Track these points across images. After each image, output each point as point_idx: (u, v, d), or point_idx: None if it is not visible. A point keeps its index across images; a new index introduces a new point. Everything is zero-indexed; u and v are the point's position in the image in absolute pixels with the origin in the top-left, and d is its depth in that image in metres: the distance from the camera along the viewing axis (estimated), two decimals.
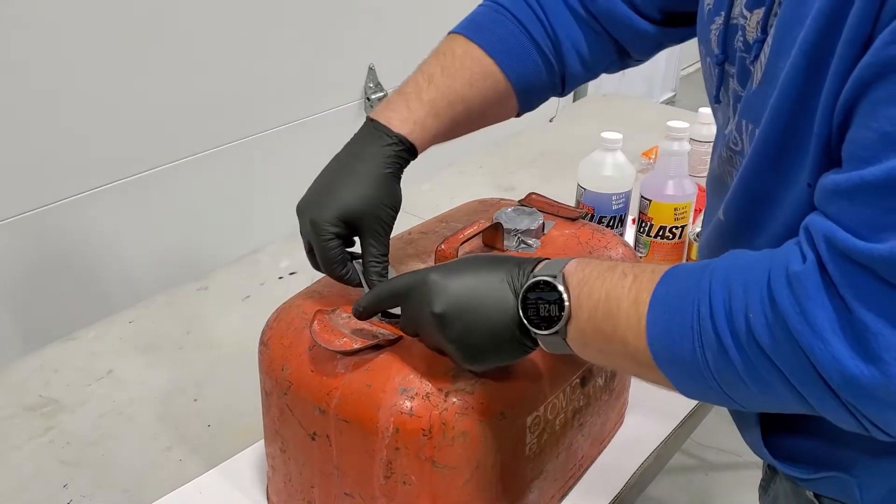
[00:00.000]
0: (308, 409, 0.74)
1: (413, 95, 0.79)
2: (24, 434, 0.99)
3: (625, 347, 0.60)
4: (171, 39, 1.53)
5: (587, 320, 0.62)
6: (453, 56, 0.82)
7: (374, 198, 0.76)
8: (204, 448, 0.97)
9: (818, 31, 0.55)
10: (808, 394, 0.53)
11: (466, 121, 0.83)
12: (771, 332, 0.52)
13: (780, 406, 0.57)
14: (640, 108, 2.12)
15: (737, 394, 0.57)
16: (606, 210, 1.23)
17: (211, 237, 1.68)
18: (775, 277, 0.53)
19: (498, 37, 0.83)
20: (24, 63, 1.32)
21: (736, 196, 0.67)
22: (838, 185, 0.52)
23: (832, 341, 0.50)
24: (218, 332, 1.18)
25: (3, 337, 1.40)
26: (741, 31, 0.67)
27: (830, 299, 0.50)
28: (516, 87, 0.84)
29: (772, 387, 0.54)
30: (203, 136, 1.65)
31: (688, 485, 2.10)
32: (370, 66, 1.97)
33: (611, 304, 0.61)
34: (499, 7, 0.85)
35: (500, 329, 0.66)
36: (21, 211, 1.38)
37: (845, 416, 0.53)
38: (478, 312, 0.66)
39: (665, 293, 0.58)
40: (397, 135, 0.77)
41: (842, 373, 0.50)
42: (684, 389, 0.60)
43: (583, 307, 0.62)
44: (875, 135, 0.49)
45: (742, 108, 0.67)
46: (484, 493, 0.75)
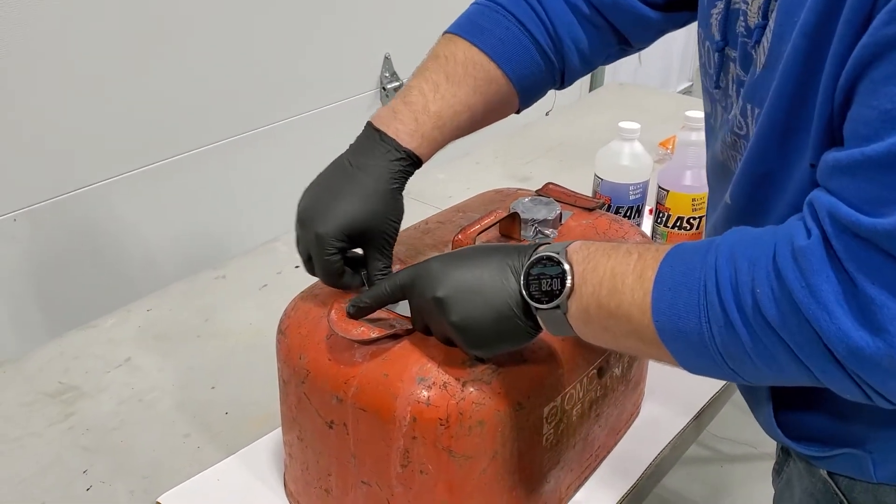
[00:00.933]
0: (325, 398, 0.74)
1: (420, 107, 0.78)
2: (44, 420, 1.00)
3: (629, 324, 0.60)
4: (190, 30, 1.53)
5: (591, 295, 0.62)
6: (456, 62, 0.81)
7: (381, 213, 0.75)
8: (222, 435, 0.97)
9: (818, 12, 0.55)
10: (814, 366, 0.53)
11: (469, 126, 0.83)
12: (777, 306, 0.53)
13: (784, 379, 0.57)
14: (656, 98, 2.11)
15: (741, 368, 0.57)
16: (624, 200, 1.23)
17: (229, 226, 1.69)
18: (781, 253, 0.53)
19: (498, 39, 0.82)
20: (45, 56, 1.33)
21: (742, 179, 0.68)
22: (839, 162, 0.53)
23: (838, 314, 0.51)
24: (235, 321, 1.18)
25: (24, 325, 1.42)
26: (743, 17, 0.67)
27: (835, 273, 0.51)
28: (518, 88, 0.84)
29: (777, 360, 0.55)
30: (221, 126, 1.65)
31: (703, 476, 2.10)
32: (386, 55, 1.97)
33: (616, 280, 0.60)
34: (497, 6, 0.83)
35: (501, 310, 0.66)
36: (41, 199, 1.39)
37: (850, 386, 0.53)
38: (479, 294, 0.66)
39: (670, 269, 0.58)
40: (406, 150, 0.77)
41: (847, 344, 0.51)
42: (688, 365, 0.60)
43: (587, 282, 0.62)
44: (875, 112, 0.50)
45: (746, 93, 0.67)
46: (501, 482, 0.75)
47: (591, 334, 0.65)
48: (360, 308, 0.72)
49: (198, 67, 1.57)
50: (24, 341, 1.39)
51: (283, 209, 1.75)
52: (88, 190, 1.45)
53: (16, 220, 1.37)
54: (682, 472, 2.08)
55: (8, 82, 1.30)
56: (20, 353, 1.13)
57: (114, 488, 0.90)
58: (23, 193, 1.37)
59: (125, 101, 1.46)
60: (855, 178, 0.52)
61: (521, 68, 0.83)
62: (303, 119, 1.81)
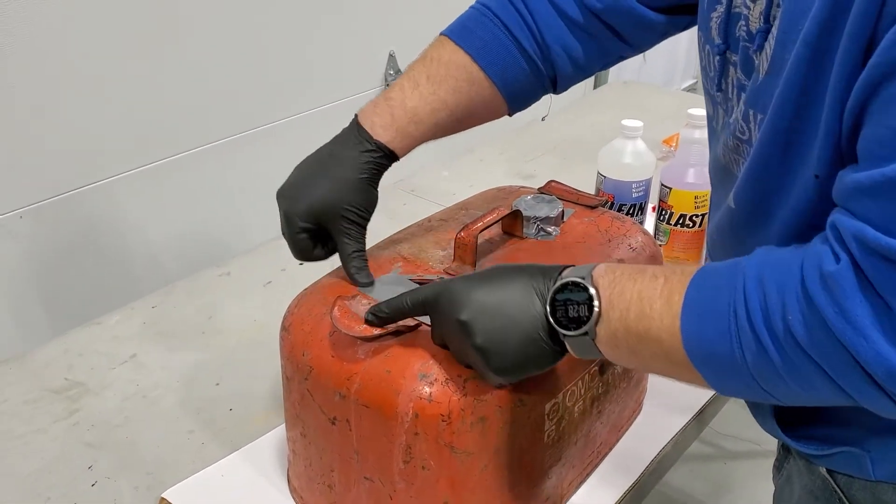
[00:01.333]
0: (328, 394, 0.75)
1: (397, 102, 0.82)
2: (49, 417, 1.00)
3: (659, 347, 0.60)
4: (193, 28, 1.53)
5: (619, 320, 0.62)
6: (439, 63, 0.84)
7: (346, 200, 0.80)
8: (225, 432, 0.98)
9: (820, 22, 0.55)
10: (851, 388, 0.54)
11: (452, 124, 0.85)
12: (810, 331, 0.53)
13: (820, 400, 0.57)
14: (660, 96, 2.11)
15: (776, 389, 0.57)
16: (626, 198, 1.23)
17: (233, 224, 1.70)
18: (809, 278, 0.53)
19: (483, 42, 0.84)
20: (49, 55, 1.33)
21: (745, 184, 0.68)
22: (860, 184, 0.52)
23: (874, 337, 0.50)
24: (240, 318, 1.19)
25: (29, 322, 1.42)
26: (744, 21, 0.67)
27: (868, 297, 0.51)
28: (504, 92, 0.86)
29: (812, 382, 0.55)
30: (226, 123, 1.66)
31: (706, 473, 2.10)
32: (391, 52, 1.97)
33: (643, 304, 0.60)
34: (486, 10, 0.85)
35: (527, 333, 0.65)
36: (46, 197, 1.40)
37: (889, 405, 0.53)
38: (504, 317, 0.65)
39: (698, 294, 0.59)
40: (377, 142, 0.81)
41: (887, 367, 0.51)
42: (720, 387, 0.60)
43: (614, 307, 0.62)
44: (891, 132, 0.50)
45: (749, 98, 0.67)
46: (502, 478, 0.75)
47: (620, 357, 0.65)
48: (380, 318, 0.72)
49: (201, 65, 1.57)
50: (29, 338, 1.39)
51: None
52: (93, 188, 1.46)
53: (21, 217, 1.37)
54: (685, 468, 2.08)
55: (11, 81, 1.30)
56: (25, 350, 1.13)
57: (118, 484, 0.91)
58: (27, 191, 1.37)
59: (130, 99, 1.47)
60: (878, 199, 0.51)
61: (505, 72, 0.85)
62: (307, 117, 1.82)
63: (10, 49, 1.29)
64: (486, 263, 0.84)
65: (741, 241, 0.72)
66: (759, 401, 0.61)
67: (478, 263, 0.83)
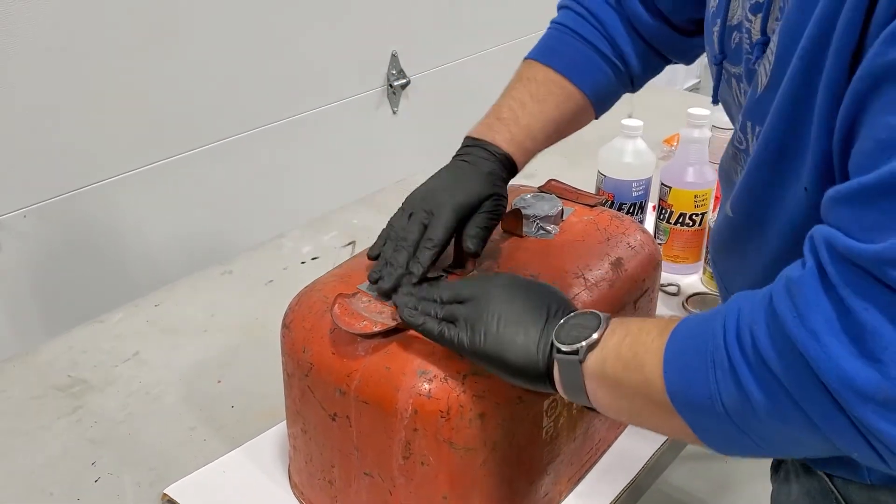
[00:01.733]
0: (329, 391, 0.75)
1: (511, 121, 0.88)
2: (53, 413, 1.01)
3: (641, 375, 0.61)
4: (195, 27, 1.54)
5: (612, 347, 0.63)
6: (538, 83, 0.91)
7: (485, 195, 0.82)
8: (227, 428, 0.99)
9: (813, 38, 0.56)
10: (814, 412, 0.52)
11: (555, 137, 0.93)
12: (773, 342, 0.52)
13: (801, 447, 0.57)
14: (662, 96, 2.11)
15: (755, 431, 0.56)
16: (626, 197, 1.23)
17: (235, 222, 1.71)
18: (776, 288, 0.54)
19: (570, 58, 0.92)
20: (52, 52, 1.34)
21: (741, 193, 0.69)
22: (838, 193, 0.52)
23: (829, 342, 0.50)
24: (241, 316, 1.20)
25: (33, 319, 1.43)
26: (747, 34, 0.69)
27: (829, 300, 0.50)
28: (593, 100, 0.93)
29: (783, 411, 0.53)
30: (228, 123, 1.67)
31: (706, 472, 2.10)
32: (393, 52, 1.98)
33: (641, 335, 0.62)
34: (564, 28, 0.93)
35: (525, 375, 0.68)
36: (50, 196, 1.41)
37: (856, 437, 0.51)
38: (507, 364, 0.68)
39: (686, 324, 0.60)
40: (504, 153, 0.86)
41: (839, 374, 0.49)
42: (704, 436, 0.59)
43: (615, 333, 0.64)
44: (872, 143, 0.50)
45: (747, 110, 0.68)
46: (501, 474, 0.76)
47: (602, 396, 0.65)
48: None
49: (205, 65, 1.58)
50: (33, 336, 1.40)
51: (290, 205, 1.78)
52: (96, 187, 1.47)
53: (25, 216, 1.38)
54: (685, 467, 2.08)
55: (13, 81, 1.31)
56: (30, 347, 1.14)
57: (121, 480, 0.92)
58: (31, 191, 1.38)
59: (133, 98, 1.48)
60: (852, 207, 0.51)
61: (593, 81, 0.92)
62: (309, 116, 1.83)
63: (13, 50, 1.30)
64: (485, 262, 0.85)
65: (738, 249, 0.73)
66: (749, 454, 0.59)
67: (477, 262, 0.83)
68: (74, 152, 1.42)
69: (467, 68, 2.14)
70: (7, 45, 1.28)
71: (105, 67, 1.42)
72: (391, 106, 2.01)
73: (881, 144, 0.49)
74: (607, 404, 0.65)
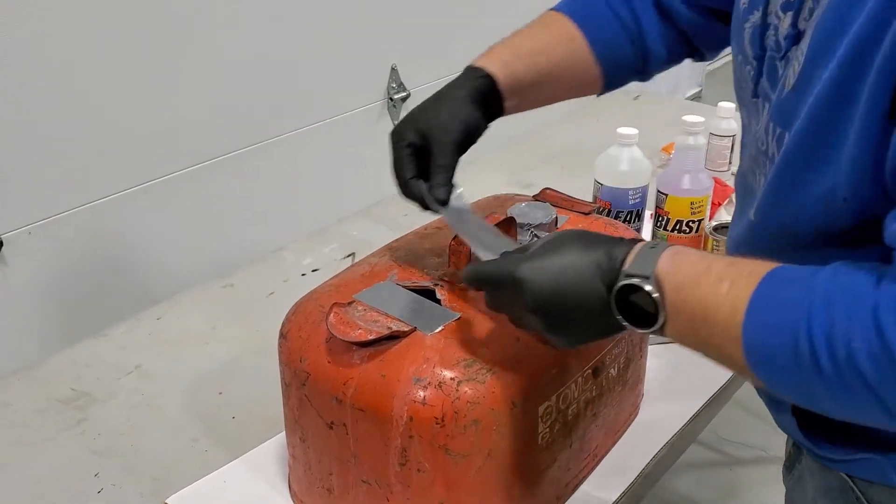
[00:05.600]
0: (325, 399, 0.76)
1: (499, 44, 0.88)
2: (57, 426, 1.02)
3: (721, 352, 0.60)
4: (193, 42, 1.56)
5: (684, 324, 0.61)
6: (542, 21, 0.91)
7: (444, 112, 0.82)
8: (229, 439, 1.00)
9: (854, 49, 0.55)
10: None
11: (549, 74, 0.88)
12: (877, 365, 0.51)
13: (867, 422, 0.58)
14: (660, 104, 2.12)
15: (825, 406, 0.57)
16: (623, 205, 1.24)
17: (236, 236, 1.72)
18: (885, 309, 0.52)
19: (584, 8, 0.90)
20: (60, 69, 1.36)
21: (766, 200, 0.68)
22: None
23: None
24: (243, 328, 1.21)
25: (37, 333, 1.45)
26: (774, 31, 0.67)
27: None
28: (599, 57, 0.90)
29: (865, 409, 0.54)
30: (228, 138, 1.68)
31: (712, 480, 2.10)
32: (393, 66, 1.99)
33: (707, 313, 0.59)
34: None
35: (593, 319, 0.65)
36: (54, 213, 1.42)
37: None
38: (570, 307, 0.65)
39: (762, 305, 0.57)
40: (479, 67, 0.85)
41: None
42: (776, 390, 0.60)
43: (679, 313, 0.61)
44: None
45: (772, 111, 0.67)
46: (497, 480, 0.77)
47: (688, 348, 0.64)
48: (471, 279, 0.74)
49: (205, 80, 1.60)
50: (37, 349, 1.41)
51: (290, 219, 1.79)
52: (99, 203, 1.48)
53: (30, 233, 1.40)
54: (690, 475, 2.08)
55: (21, 97, 1.33)
56: (34, 361, 1.16)
57: (124, 491, 0.93)
58: (36, 207, 1.40)
59: (135, 114, 1.49)
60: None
61: (600, 35, 0.89)
62: (310, 130, 1.84)
63: (18, 67, 1.31)
64: None
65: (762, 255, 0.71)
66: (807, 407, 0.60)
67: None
68: (78, 169, 1.44)
69: None
70: (12, 62, 1.30)
71: (107, 84, 1.44)
72: (392, 119, 2.02)
73: None
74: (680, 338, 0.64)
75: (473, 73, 0.84)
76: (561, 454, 0.84)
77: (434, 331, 0.76)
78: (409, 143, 0.81)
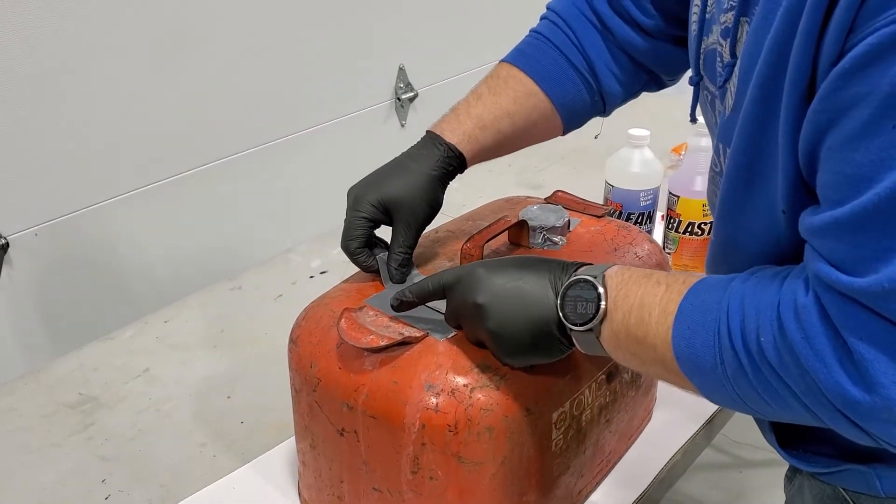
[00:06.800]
0: (336, 406, 0.75)
1: (462, 111, 0.88)
2: (64, 431, 1.01)
3: (654, 353, 0.63)
4: (200, 43, 1.55)
5: (620, 322, 0.64)
6: (499, 78, 0.91)
7: (414, 191, 0.83)
8: (237, 444, 0.99)
9: (769, 65, 0.58)
10: (819, 412, 0.56)
11: (512, 135, 0.90)
12: (780, 355, 0.55)
13: (796, 419, 0.59)
14: (670, 105, 2.10)
15: (757, 405, 0.59)
16: (635, 207, 1.23)
17: (244, 238, 1.71)
18: (784, 305, 0.55)
19: (538, 61, 0.91)
20: (56, 73, 1.35)
21: (719, 217, 0.71)
22: (813, 225, 0.55)
23: (834, 369, 0.52)
24: (251, 331, 1.20)
25: (44, 337, 1.44)
26: (720, 57, 0.70)
27: (828, 329, 0.53)
28: (558, 106, 0.91)
29: (786, 402, 0.57)
30: (236, 139, 1.67)
31: (722, 482, 2.09)
32: (400, 66, 1.98)
33: (643, 311, 0.63)
34: (539, 35, 0.93)
35: (537, 323, 0.68)
36: (60, 214, 1.42)
37: (855, 431, 0.55)
38: (517, 305, 0.68)
39: (690, 307, 0.61)
40: (447, 143, 0.85)
41: (844, 397, 0.52)
42: (709, 397, 0.63)
43: (618, 309, 0.64)
44: (838, 177, 0.53)
45: (719, 132, 0.70)
46: (510, 488, 0.76)
47: (622, 358, 0.67)
48: (404, 302, 0.75)
49: (211, 82, 1.59)
50: (44, 353, 1.41)
51: (298, 220, 1.78)
52: (106, 204, 1.48)
53: (37, 234, 1.39)
54: (700, 477, 2.07)
55: (25, 101, 1.32)
56: (41, 365, 1.15)
57: (132, 497, 0.92)
58: (42, 209, 1.39)
59: (143, 116, 1.49)
60: (829, 239, 0.54)
61: (558, 87, 0.91)
62: (317, 131, 1.83)
63: (25, 70, 1.31)
64: None
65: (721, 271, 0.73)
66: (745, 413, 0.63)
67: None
68: (85, 170, 1.43)
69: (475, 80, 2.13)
70: (20, 66, 1.29)
71: (115, 85, 1.43)
72: (399, 119, 2.02)
73: (848, 178, 0.51)
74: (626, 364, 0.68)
75: (443, 149, 0.85)
76: (575, 460, 0.83)
77: (446, 337, 0.75)
78: (367, 216, 0.82)
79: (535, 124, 0.92)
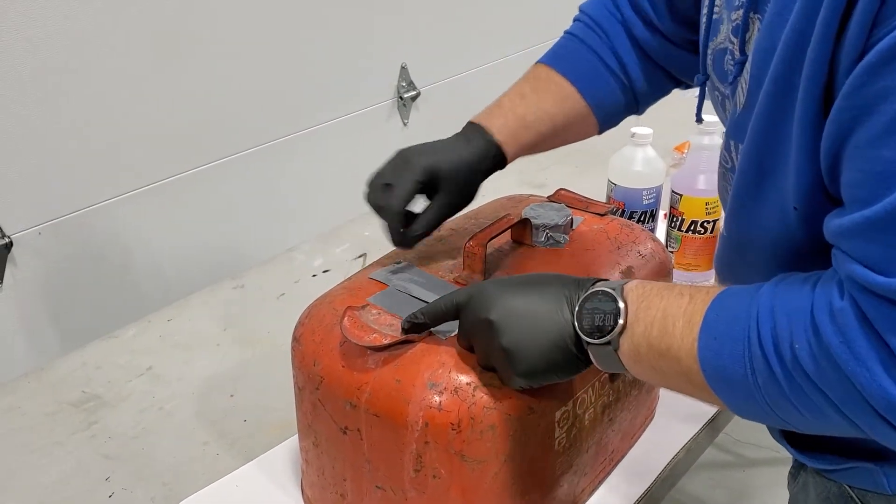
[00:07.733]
0: (339, 404, 0.75)
1: (508, 109, 0.89)
2: (67, 429, 1.02)
3: (678, 366, 0.61)
4: (203, 42, 1.55)
5: (642, 335, 0.62)
6: (539, 79, 0.92)
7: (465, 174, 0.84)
8: (240, 442, 0.99)
9: (784, 62, 0.58)
10: (856, 418, 0.54)
11: (551, 135, 0.92)
12: (816, 362, 0.53)
13: (831, 429, 0.58)
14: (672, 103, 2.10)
15: (788, 416, 0.58)
16: (637, 205, 1.23)
17: (247, 237, 1.71)
18: (819, 310, 0.54)
19: (574, 63, 0.93)
20: (59, 72, 1.35)
21: (731, 213, 0.70)
22: (843, 226, 0.54)
23: (877, 371, 0.51)
24: (254, 330, 1.20)
25: (47, 336, 1.44)
26: (730, 55, 0.69)
27: (868, 332, 0.52)
28: (593, 107, 0.93)
29: (822, 411, 0.55)
30: (238, 138, 1.67)
31: (725, 481, 2.09)
32: (402, 65, 1.98)
33: (666, 322, 0.61)
34: (573, 37, 0.94)
35: (554, 340, 0.66)
36: (64, 213, 1.42)
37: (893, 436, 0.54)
38: (532, 321, 0.66)
39: (716, 318, 0.59)
40: (495, 140, 0.87)
41: (888, 401, 0.51)
42: (737, 410, 0.61)
43: (639, 321, 0.63)
44: (866, 176, 0.52)
45: (729, 129, 0.70)
46: (513, 486, 0.76)
47: (642, 372, 0.65)
48: (415, 324, 0.73)
49: (215, 80, 1.59)
50: (47, 352, 1.41)
51: (301, 219, 1.78)
52: (110, 203, 1.48)
53: (40, 233, 1.39)
54: (704, 476, 2.07)
55: (29, 100, 1.32)
56: (44, 363, 1.15)
57: (135, 495, 0.92)
58: (46, 208, 1.39)
59: (145, 114, 1.49)
60: (862, 240, 0.53)
61: (593, 89, 0.92)
62: (320, 130, 1.83)
63: (28, 68, 1.31)
64: (495, 272, 0.84)
65: (738, 268, 0.74)
66: (776, 426, 0.62)
67: (487, 272, 0.83)
68: (88, 169, 1.43)
69: (477, 79, 2.14)
70: (23, 63, 1.29)
71: (118, 84, 1.43)
72: (401, 118, 2.01)
73: (878, 176, 0.51)
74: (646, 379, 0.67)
75: (493, 147, 0.86)
76: (577, 459, 0.83)
77: (449, 335, 0.75)
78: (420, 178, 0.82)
79: (573, 125, 0.93)
